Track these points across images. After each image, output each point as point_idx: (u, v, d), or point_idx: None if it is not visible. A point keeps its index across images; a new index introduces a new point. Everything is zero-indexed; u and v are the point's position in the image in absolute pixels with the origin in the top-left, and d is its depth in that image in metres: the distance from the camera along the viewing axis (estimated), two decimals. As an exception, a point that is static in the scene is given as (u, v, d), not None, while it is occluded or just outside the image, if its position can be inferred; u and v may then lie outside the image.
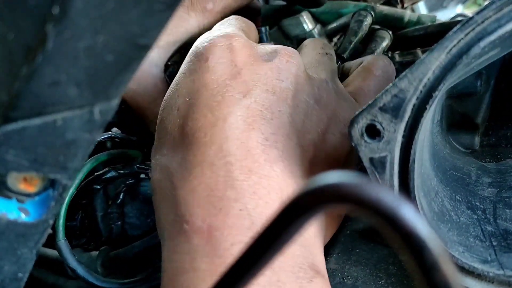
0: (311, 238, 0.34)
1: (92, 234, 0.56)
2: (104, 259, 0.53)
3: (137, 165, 0.49)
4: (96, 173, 0.49)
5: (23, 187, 0.23)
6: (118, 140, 0.51)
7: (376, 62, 0.46)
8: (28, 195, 0.24)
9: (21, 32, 0.18)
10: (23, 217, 0.24)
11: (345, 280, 0.42)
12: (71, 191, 0.46)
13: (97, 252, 0.54)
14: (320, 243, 0.36)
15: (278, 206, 0.15)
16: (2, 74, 0.19)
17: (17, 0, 0.17)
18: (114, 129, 0.58)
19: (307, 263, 0.32)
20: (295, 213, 0.15)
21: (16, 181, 0.23)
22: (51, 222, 0.25)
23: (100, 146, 0.55)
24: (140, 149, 0.50)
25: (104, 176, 0.48)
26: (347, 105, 0.40)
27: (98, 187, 0.49)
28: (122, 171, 0.48)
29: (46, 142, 0.21)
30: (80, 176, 0.47)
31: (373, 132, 0.33)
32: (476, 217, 0.41)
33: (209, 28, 0.45)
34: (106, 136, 0.51)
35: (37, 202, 0.24)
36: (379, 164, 0.33)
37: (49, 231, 0.26)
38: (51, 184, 0.24)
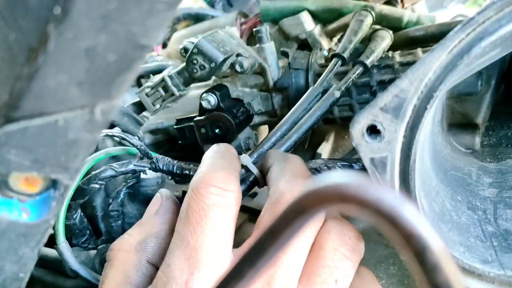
0: None
1: (92, 233, 0.56)
2: (102, 257, 0.53)
3: (134, 163, 0.49)
4: (93, 172, 0.49)
5: (24, 187, 0.23)
6: (117, 138, 0.51)
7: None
8: (30, 195, 0.24)
9: (23, 32, 0.18)
10: (24, 217, 0.24)
11: (346, 280, 0.42)
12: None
13: (95, 251, 0.54)
14: None
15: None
16: (4, 74, 0.19)
17: (19, 0, 0.17)
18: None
19: None
20: (298, 213, 0.15)
21: (18, 181, 0.23)
22: (52, 222, 0.25)
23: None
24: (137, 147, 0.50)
25: (102, 175, 0.48)
26: None
27: (97, 186, 0.49)
28: (119, 170, 0.48)
29: (47, 142, 0.21)
30: (78, 177, 0.47)
31: (374, 132, 0.33)
32: (476, 217, 0.41)
33: None
34: (104, 134, 0.51)
35: (38, 202, 0.24)
36: (380, 164, 0.33)
37: (51, 231, 0.26)
38: (53, 184, 0.24)
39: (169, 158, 0.49)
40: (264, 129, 0.76)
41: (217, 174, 0.36)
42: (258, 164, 0.43)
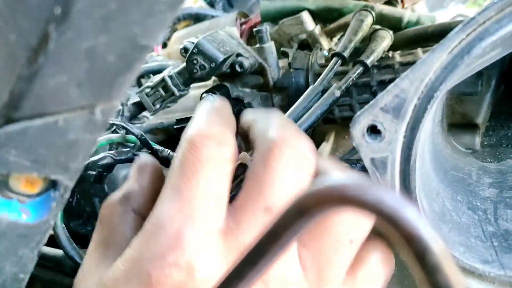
0: None
1: (89, 216, 0.56)
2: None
3: (134, 152, 0.48)
4: (91, 159, 0.48)
5: (24, 188, 0.23)
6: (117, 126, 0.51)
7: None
8: (30, 196, 0.24)
9: (23, 32, 0.18)
10: (24, 218, 0.24)
11: (346, 280, 0.42)
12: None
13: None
14: None
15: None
16: (4, 74, 0.19)
17: (19, 0, 0.17)
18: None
19: None
20: (299, 214, 0.15)
21: (18, 182, 0.23)
22: (52, 222, 0.25)
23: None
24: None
25: (99, 162, 0.48)
26: None
27: (94, 172, 0.49)
28: (117, 157, 0.48)
29: (47, 142, 0.21)
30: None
31: (374, 132, 0.33)
32: (477, 217, 0.41)
33: None
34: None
35: (38, 203, 0.24)
36: (381, 164, 0.33)
37: (51, 231, 0.26)
38: (53, 185, 0.24)
39: (169, 150, 0.49)
40: (264, 129, 0.76)
41: (214, 128, 0.34)
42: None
